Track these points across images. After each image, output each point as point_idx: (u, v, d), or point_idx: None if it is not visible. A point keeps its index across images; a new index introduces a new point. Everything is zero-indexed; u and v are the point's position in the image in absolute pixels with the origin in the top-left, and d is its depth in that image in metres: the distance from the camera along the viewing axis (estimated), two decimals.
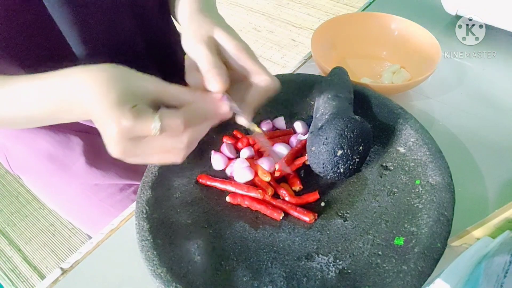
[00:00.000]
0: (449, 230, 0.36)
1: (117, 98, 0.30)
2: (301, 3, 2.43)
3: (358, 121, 0.41)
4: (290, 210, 0.42)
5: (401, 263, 0.35)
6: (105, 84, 0.31)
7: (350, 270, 0.37)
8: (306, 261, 0.38)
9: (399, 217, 0.39)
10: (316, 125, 0.43)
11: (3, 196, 1.56)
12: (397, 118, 0.46)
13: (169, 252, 0.37)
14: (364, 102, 0.49)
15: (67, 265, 0.42)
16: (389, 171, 0.44)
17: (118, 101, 0.30)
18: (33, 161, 0.55)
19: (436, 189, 0.39)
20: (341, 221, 0.41)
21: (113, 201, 0.61)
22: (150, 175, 0.43)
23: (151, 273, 0.35)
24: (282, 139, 0.48)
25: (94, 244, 0.44)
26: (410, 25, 0.61)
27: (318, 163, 0.41)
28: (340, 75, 0.48)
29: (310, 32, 2.18)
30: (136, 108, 0.30)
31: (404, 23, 0.62)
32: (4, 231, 1.44)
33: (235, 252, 0.39)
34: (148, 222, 0.39)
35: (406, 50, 0.62)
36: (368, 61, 0.64)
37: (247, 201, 0.42)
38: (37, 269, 1.33)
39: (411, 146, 0.44)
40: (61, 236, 1.42)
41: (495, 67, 0.63)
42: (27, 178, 0.62)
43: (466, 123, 0.54)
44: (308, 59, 0.67)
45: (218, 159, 0.47)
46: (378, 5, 0.78)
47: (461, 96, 0.58)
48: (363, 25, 0.65)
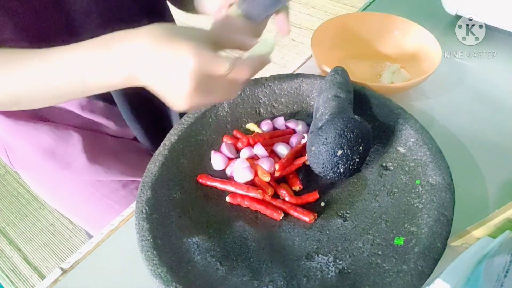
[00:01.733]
0: (449, 230, 0.36)
1: (189, 34, 0.32)
2: (301, 3, 2.42)
3: (358, 121, 0.41)
4: (290, 210, 0.42)
5: (401, 263, 0.35)
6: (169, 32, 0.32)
7: (350, 270, 0.37)
8: (306, 261, 0.38)
9: (399, 217, 0.39)
10: (316, 125, 0.43)
11: (3, 196, 1.56)
12: (397, 118, 0.46)
13: (169, 252, 0.37)
14: (364, 102, 0.49)
15: (67, 265, 0.42)
16: (389, 171, 0.44)
17: (192, 37, 0.32)
18: (34, 157, 0.55)
19: (436, 189, 0.39)
20: (341, 221, 0.41)
21: (118, 197, 0.61)
22: (150, 175, 0.43)
23: (151, 273, 0.35)
24: (282, 139, 0.48)
25: (94, 244, 0.44)
26: (410, 25, 0.61)
27: (318, 163, 0.41)
28: (340, 75, 0.48)
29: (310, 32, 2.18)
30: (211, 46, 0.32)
31: (404, 23, 0.62)
32: (4, 231, 1.44)
33: (235, 252, 0.39)
34: (148, 222, 0.39)
35: (406, 50, 0.62)
36: (368, 61, 0.64)
37: (247, 201, 0.42)
38: (37, 269, 1.33)
39: (411, 146, 0.44)
40: (61, 236, 1.42)
41: (495, 67, 0.63)
42: (27, 174, 0.62)
43: (466, 123, 0.54)
44: (308, 59, 0.67)
45: (218, 159, 0.47)
46: (378, 5, 0.78)
47: (461, 96, 0.58)
48: (363, 25, 0.65)
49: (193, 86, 0.32)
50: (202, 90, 0.33)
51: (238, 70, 0.33)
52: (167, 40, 0.31)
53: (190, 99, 0.33)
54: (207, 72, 0.32)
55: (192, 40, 0.31)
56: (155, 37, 0.32)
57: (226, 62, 0.32)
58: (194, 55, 0.31)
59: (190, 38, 0.32)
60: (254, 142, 0.48)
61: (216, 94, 0.35)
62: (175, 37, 0.31)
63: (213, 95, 0.35)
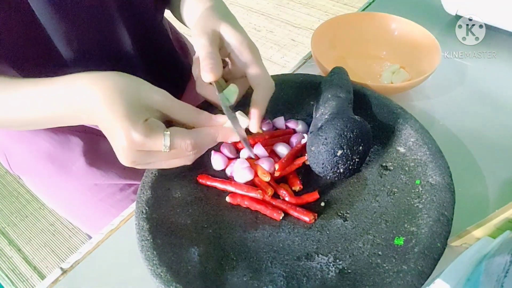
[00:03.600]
0: (449, 230, 0.36)
1: (127, 109, 0.30)
2: (301, 3, 2.42)
3: (358, 121, 0.41)
4: (290, 210, 0.42)
5: (401, 263, 0.35)
6: (114, 94, 0.31)
7: (350, 270, 0.37)
8: (306, 261, 0.38)
9: (399, 217, 0.39)
10: (316, 125, 0.43)
11: (3, 196, 1.56)
12: (397, 118, 0.46)
13: (169, 252, 0.37)
14: (364, 102, 0.49)
15: (67, 265, 0.42)
16: (389, 171, 0.44)
17: (128, 113, 0.30)
18: (33, 161, 0.55)
19: (436, 189, 0.39)
20: (341, 221, 0.41)
21: (113, 201, 0.61)
22: (150, 175, 0.43)
23: (151, 273, 0.35)
24: (282, 139, 0.48)
25: (94, 244, 0.44)
26: (410, 25, 0.61)
27: (318, 163, 0.41)
28: (340, 75, 0.48)
29: (310, 32, 2.18)
30: (148, 123, 0.31)
31: (404, 23, 0.62)
32: (4, 231, 1.44)
33: (235, 252, 0.39)
34: (148, 222, 0.39)
35: (406, 50, 0.62)
36: (368, 61, 0.64)
37: (247, 201, 0.42)
38: (37, 269, 1.33)
39: (411, 146, 0.44)
40: (61, 236, 1.42)
41: (495, 67, 0.62)
42: (27, 178, 0.62)
43: (466, 123, 0.54)
44: (308, 59, 0.67)
45: (218, 159, 0.47)
46: (378, 5, 0.78)
47: (461, 96, 0.58)
48: (363, 25, 0.65)
49: (130, 160, 0.32)
50: (141, 163, 0.32)
51: (180, 145, 0.32)
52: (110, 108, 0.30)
53: (130, 166, 0.33)
54: (141, 149, 0.31)
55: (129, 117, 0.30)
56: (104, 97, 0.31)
57: (162, 139, 0.31)
58: (126, 137, 0.30)
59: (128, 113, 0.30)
60: (254, 142, 0.48)
61: (164, 162, 0.34)
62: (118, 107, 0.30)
63: (159, 164, 0.34)
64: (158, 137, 0.30)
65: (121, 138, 0.30)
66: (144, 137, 0.30)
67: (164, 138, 0.31)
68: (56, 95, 0.34)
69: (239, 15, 2.38)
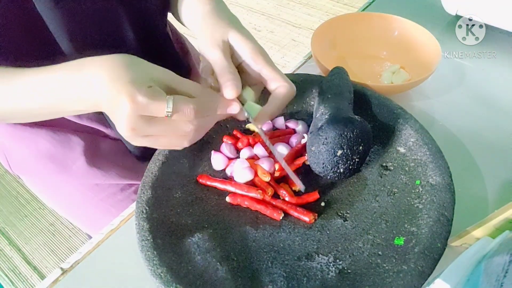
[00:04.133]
0: (449, 230, 0.36)
1: (132, 77, 0.31)
2: (301, 3, 2.42)
3: (358, 121, 0.41)
4: (290, 210, 0.42)
5: (401, 263, 0.35)
6: (120, 67, 0.31)
7: (350, 270, 0.37)
8: (306, 261, 0.38)
9: (399, 217, 0.39)
10: (316, 125, 0.43)
11: (3, 196, 1.55)
12: (397, 118, 0.46)
13: (169, 252, 0.37)
14: (364, 102, 0.49)
15: (67, 265, 0.42)
16: (389, 171, 0.44)
17: (133, 79, 0.31)
18: (33, 161, 0.55)
19: (436, 189, 0.39)
20: (341, 221, 0.41)
21: (114, 201, 0.61)
22: (150, 175, 0.43)
23: (151, 273, 0.35)
24: (282, 139, 0.48)
25: (94, 244, 0.44)
26: (410, 25, 0.61)
27: (318, 163, 0.41)
28: (340, 75, 0.48)
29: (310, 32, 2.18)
30: (152, 89, 0.31)
31: (404, 23, 0.62)
32: (4, 231, 1.44)
33: (235, 252, 0.39)
34: (148, 222, 0.39)
35: (406, 50, 0.62)
36: (368, 61, 0.64)
37: (247, 201, 0.42)
38: (37, 269, 1.32)
39: (411, 146, 0.44)
40: (61, 236, 1.42)
41: (495, 67, 0.63)
42: (27, 178, 0.62)
43: (466, 123, 0.54)
44: (308, 59, 0.67)
45: (218, 159, 0.47)
46: (378, 5, 0.78)
47: (461, 96, 0.58)
48: (363, 25, 0.65)
49: (131, 127, 0.31)
50: (142, 132, 0.32)
51: (183, 110, 0.31)
52: (116, 76, 0.31)
53: (132, 140, 0.33)
54: (144, 113, 0.31)
55: (134, 82, 0.30)
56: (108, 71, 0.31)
57: (165, 103, 0.30)
58: (130, 100, 0.30)
59: (134, 80, 0.30)
60: (254, 142, 0.48)
61: (163, 137, 0.33)
62: (123, 75, 0.31)
63: (159, 138, 0.33)
64: (161, 101, 0.31)
65: (124, 103, 0.30)
66: (147, 98, 0.30)
67: (167, 102, 0.31)
68: (62, 78, 0.34)
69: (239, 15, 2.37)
